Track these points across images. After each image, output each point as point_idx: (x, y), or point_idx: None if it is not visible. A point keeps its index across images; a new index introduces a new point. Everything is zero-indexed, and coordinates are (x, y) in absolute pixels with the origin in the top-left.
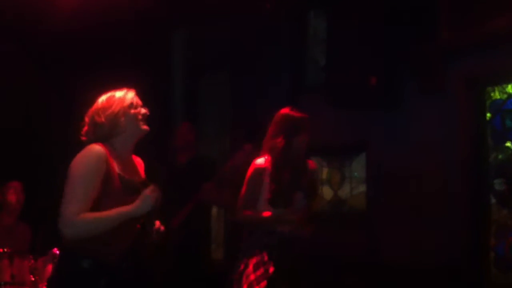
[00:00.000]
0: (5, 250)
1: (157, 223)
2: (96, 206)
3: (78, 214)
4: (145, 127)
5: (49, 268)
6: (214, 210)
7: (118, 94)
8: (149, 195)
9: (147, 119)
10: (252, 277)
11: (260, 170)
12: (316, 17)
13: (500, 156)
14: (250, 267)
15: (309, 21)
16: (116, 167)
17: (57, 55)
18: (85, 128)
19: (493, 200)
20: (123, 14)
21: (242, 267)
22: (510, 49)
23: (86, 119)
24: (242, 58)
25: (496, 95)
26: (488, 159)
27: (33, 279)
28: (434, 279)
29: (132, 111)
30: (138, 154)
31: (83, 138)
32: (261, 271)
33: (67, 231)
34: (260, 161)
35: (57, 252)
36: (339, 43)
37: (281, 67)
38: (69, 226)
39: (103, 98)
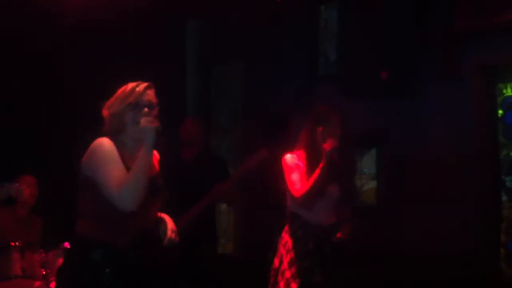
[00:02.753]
0: (16, 243)
1: (169, 229)
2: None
3: (121, 184)
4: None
5: (60, 261)
6: (224, 204)
7: (128, 89)
8: (144, 126)
9: (155, 117)
10: (287, 274)
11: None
12: (328, 6)
13: (511, 153)
14: (285, 264)
15: (322, 11)
16: (124, 159)
17: (65, 48)
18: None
19: (504, 197)
20: (135, 3)
21: (277, 263)
22: None
23: (103, 112)
24: (255, 49)
25: (508, 91)
26: (500, 155)
27: (43, 272)
28: (447, 267)
29: (133, 111)
30: None
31: (104, 129)
32: (295, 267)
33: (125, 203)
34: (289, 155)
35: (68, 246)
36: (353, 32)
37: (295, 58)
38: (122, 198)
39: (117, 92)
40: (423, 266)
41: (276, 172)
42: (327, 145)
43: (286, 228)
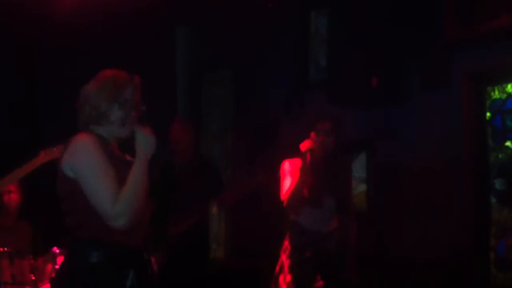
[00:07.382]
0: (5, 249)
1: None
2: None
3: (115, 199)
4: (126, 130)
5: (49, 267)
6: (215, 209)
7: (116, 82)
8: (144, 133)
9: (136, 119)
10: (288, 278)
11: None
12: (318, 14)
13: (500, 156)
14: (286, 269)
15: (312, 17)
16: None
17: (58, 50)
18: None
19: (493, 200)
20: (126, 9)
21: (277, 269)
22: None
23: (79, 100)
24: (245, 56)
25: (496, 94)
26: (489, 158)
27: (33, 278)
28: (437, 272)
29: (120, 111)
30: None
31: (80, 120)
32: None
33: (120, 221)
34: (287, 162)
35: (57, 251)
36: (343, 39)
37: (285, 64)
38: (117, 217)
39: (99, 80)
40: (413, 270)
41: (269, 180)
42: (302, 146)
43: (287, 235)
